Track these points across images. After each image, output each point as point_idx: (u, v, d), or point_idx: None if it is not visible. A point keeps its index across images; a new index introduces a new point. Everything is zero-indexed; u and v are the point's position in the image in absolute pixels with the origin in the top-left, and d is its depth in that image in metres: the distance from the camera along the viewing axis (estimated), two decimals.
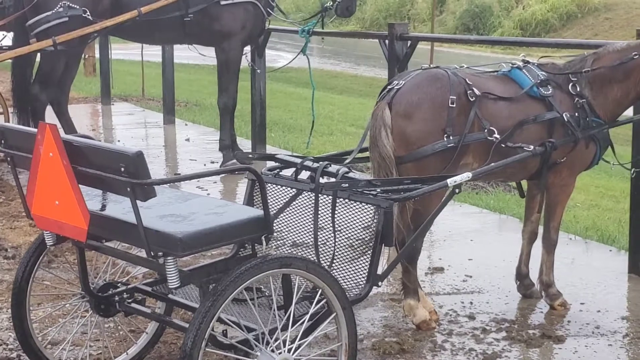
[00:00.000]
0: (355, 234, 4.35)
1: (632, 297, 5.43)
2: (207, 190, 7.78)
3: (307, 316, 3.66)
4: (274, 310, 3.62)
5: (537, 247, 5.29)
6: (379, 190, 4.27)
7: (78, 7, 7.86)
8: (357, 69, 26.37)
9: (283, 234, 4.64)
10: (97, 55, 16.08)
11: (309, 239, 4.45)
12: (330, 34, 10.50)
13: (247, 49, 9.01)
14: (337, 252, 4.35)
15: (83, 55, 16.67)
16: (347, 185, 4.24)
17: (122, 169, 3.33)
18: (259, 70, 9.34)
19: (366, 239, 4.27)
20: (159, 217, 3.59)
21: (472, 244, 6.47)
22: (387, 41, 7.68)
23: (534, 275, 5.31)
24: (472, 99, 4.69)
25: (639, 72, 4.99)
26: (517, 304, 5.27)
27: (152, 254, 3.44)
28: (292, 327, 3.60)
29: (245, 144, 9.95)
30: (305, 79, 21.77)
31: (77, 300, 4.24)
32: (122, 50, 20.49)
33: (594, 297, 5.37)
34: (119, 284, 4.16)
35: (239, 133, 10.87)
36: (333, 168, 4.42)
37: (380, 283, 4.16)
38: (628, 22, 32.02)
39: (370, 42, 29.11)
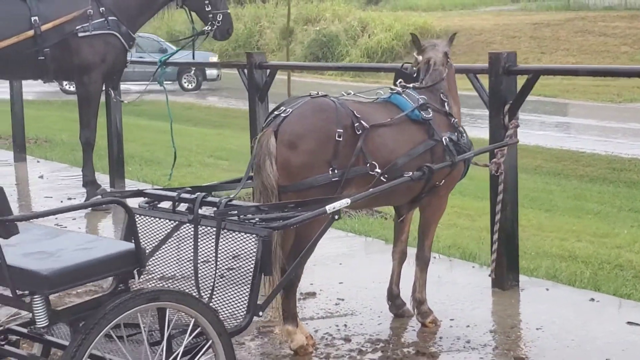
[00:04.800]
0: (235, 264, 4.30)
1: (497, 310, 5.60)
2: (65, 227, 7.56)
3: (181, 349, 3.62)
4: (146, 346, 3.57)
5: (403, 267, 5.39)
6: (257, 219, 4.23)
7: None
8: (209, 100, 26.33)
9: (166, 267, 4.54)
10: None
11: (191, 271, 4.38)
12: (189, 64, 10.44)
13: None
14: (218, 283, 4.27)
15: None
16: (235, 212, 4.18)
17: None
18: (125, 102, 9.19)
19: (246, 268, 4.22)
20: (24, 254, 3.49)
21: (342, 268, 6.53)
22: (245, 70, 7.70)
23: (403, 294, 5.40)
24: (358, 132, 4.69)
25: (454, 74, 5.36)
26: (390, 324, 5.35)
27: (18, 293, 3.34)
28: None
29: (102, 179, 9.73)
30: (159, 112, 21.60)
31: None
32: None
33: (462, 312, 5.50)
34: None
35: (95, 168, 10.65)
36: (213, 198, 4.37)
37: (261, 313, 4.12)
38: (470, 48, 33.33)
39: (222, 73, 29.17)
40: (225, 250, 4.26)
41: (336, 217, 4.37)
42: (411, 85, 5.26)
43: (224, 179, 11.37)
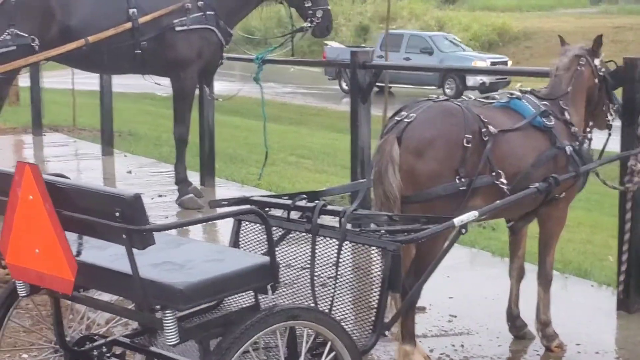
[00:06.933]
0: (355, 279, 4.02)
1: (627, 336, 5.21)
2: None
3: None
4: None
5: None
6: (382, 231, 3.94)
7: (27, 35, 7.34)
8: (284, 97, 26.13)
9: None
10: (20, 83, 15.45)
11: (298, 281, 4.10)
12: (285, 62, 10.19)
13: None
14: (335, 298, 3.99)
15: None
16: (368, 220, 3.91)
17: (117, 214, 2.96)
18: (220, 100, 8.96)
19: (369, 284, 3.93)
20: (152, 265, 3.22)
21: (450, 281, 6.17)
22: (348, 70, 7.39)
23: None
24: (485, 138, 4.40)
25: (586, 81, 4.99)
26: (511, 346, 5.01)
27: (150, 308, 3.08)
28: None
29: (191, 176, 9.51)
30: (236, 107, 21.47)
31: (49, 355, 3.85)
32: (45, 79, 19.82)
33: (588, 337, 5.12)
34: (96, 337, 3.78)
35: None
36: (332, 206, 4.09)
37: (387, 332, 3.83)
38: (548, 51, 32.59)
39: (295, 71, 28.95)
40: (345, 264, 3.97)
41: (463, 231, 4.07)
42: (529, 89, 4.96)
43: (311, 179, 11.24)
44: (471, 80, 24.98)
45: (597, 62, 5.05)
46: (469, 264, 6.72)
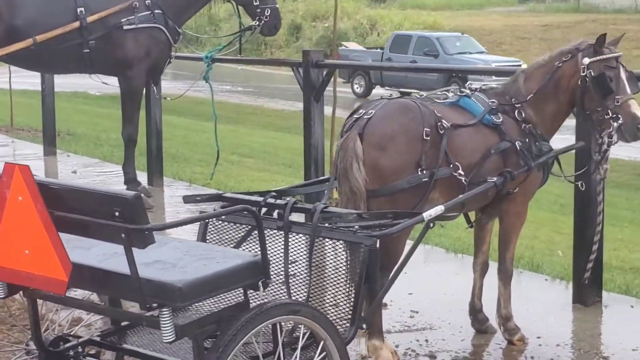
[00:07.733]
0: (327, 274, 4.09)
1: (586, 328, 5.37)
2: None
3: None
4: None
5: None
6: (357, 227, 4.02)
7: None
8: (220, 95, 26.03)
9: None
10: None
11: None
12: (235, 60, 10.18)
13: None
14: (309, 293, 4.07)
15: None
16: (338, 219, 3.98)
17: (117, 214, 2.98)
18: (169, 99, 8.92)
19: (343, 278, 4.01)
20: (144, 264, 3.23)
21: (407, 277, 6.20)
22: (300, 69, 7.45)
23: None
24: (441, 132, 4.54)
25: (567, 79, 4.93)
26: (474, 340, 5.13)
27: (147, 306, 3.11)
28: None
29: (138, 175, 9.45)
30: (172, 106, 21.30)
31: (21, 357, 3.85)
32: None
33: (548, 329, 5.27)
34: (70, 337, 3.78)
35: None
36: (304, 204, 4.17)
37: (364, 325, 3.92)
38: None
39: (228, 69, 28.82)
40: (318, 260, 4.06)
41: (431, 225, 4.20)
42: (479, 87, 5.09)
43: (256, 177, 11.23)
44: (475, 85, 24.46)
45: (585, 61, 4.82)
46: (424, 260, 6.83)
